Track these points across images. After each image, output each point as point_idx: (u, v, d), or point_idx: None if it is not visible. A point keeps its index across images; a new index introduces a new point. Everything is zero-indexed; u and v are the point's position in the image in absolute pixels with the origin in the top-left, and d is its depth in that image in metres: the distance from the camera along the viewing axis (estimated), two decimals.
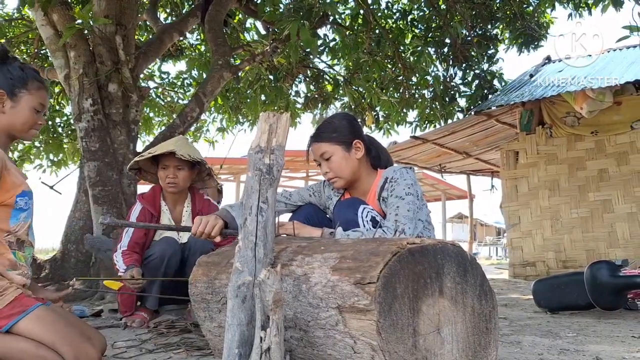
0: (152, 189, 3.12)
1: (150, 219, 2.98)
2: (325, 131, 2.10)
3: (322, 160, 2.09)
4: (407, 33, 7.35)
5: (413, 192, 1.94)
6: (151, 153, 2.98)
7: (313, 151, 2.13)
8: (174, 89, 8.52)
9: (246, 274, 1.31)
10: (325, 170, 2.09)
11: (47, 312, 1.58)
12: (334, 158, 2.06)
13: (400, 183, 1.95)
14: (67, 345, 1.52)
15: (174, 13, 7.32)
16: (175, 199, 3.10)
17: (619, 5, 4.79)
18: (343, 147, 2.07)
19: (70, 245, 4.53)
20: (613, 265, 3.37)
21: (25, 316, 1.53)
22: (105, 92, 4.55)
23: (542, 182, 7.37)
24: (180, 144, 2.99)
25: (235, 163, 12.81)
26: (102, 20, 4.28)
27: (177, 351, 2.12)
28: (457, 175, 12.71)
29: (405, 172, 2.00)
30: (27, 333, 1.52)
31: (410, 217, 1.88)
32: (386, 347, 1.14)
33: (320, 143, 2.09)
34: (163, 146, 3.00)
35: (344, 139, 2.07)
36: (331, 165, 2.06)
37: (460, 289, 1.29)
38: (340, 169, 2.06)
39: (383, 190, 2.01)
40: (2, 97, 1.72)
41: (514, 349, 2.29)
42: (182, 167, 2.98)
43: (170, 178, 2.98)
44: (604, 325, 2.97)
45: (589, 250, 6.84)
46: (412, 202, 1.91)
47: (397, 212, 1.88)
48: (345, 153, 2.07)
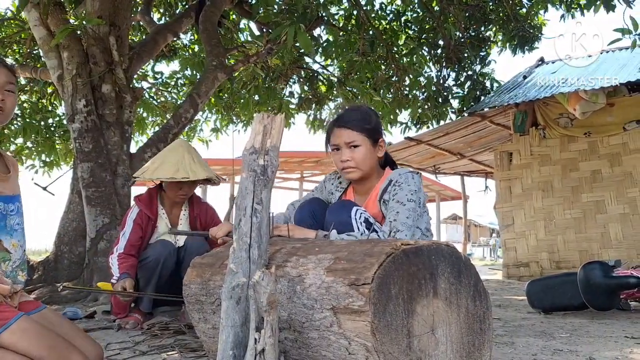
0: (148, 192, 3.10)
1: (147, 222, 2.97)
2: (358, 119, 2.05)
3: (347, 147, 2.03)
4: (401, 34, 7.36)
5: (415, 199, 1.92)
6: (174, 179, 2.88)
7: (338, 136, 2.06)
8: (168, 89, 8.50)
9: (240, 275, 1.31)
10: (345, 158, 2.03)
11: (31, 323, 1.51)
12: (361, 149, 2.02)
13: (403, 188, 1.93)
14: (55, 358, 1.46)
15: (168, 13, 7.30)
16: (173, 202, 3.10)
17: (611, 9, 4.82)
18: (371, 142, 2.04)
19: (64, 247, 4.50)
20: (606, 266, 3.39)
21: (6, 329, 1.46)
22: (98, 93, 4.53)
23: (536, 183, 7.41)
24: (191, 157, 2.96)
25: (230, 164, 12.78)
26: (96, 20, 4.26)
27: (171, 353, 2.11)
28: (451, 176, 12.74)
29: (411, 177, 1.98)
30: (12, 347, 1.46)
31: (408, 224, 1.86)
32: (381, 348, 1.14)
33: (351, 131, 2.03)
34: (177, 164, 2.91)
35: (374, 134, 2.05)
36: (355, 155, 2.02)
37: (454, 290, 1.30)
38: (364, 161, 2.03)
39: (385, 193, 2.00)
40: None
41: (508, 349, 2.29)
42: (195, 181, 2.99)
43: (183, 194, 3.01)
44: (597, 326, 2.98)
45: (582, 250, 6.87)
46: (412, 210, 1.89)
47: (396, 218, 1.87)
48: (372, 147, 2.05)
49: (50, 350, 1.46)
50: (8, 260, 1.67)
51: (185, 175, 2.86)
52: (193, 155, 2.99)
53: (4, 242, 1.68)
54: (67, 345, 1.52)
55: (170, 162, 2.92)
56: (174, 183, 2.94)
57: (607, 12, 4.88)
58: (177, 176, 2.86)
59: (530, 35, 6.60)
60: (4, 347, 1.46)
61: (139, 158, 4.66)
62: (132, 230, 2.92)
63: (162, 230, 3.04)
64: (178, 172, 2.87)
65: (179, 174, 2.86)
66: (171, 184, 2.97)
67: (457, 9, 6.53)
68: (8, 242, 1.69)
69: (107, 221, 4.28)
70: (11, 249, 1.69)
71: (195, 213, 3.12)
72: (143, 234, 2.95)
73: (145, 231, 2.97)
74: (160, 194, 3.09)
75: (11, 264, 1.68)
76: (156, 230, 3.03)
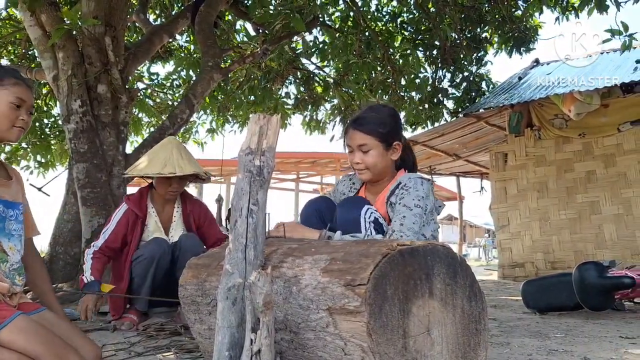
0: (139, 191, 3.11)
1: (134, 220, 2.97)
2: (372, 123, 2.02)
3: (359, 150, 2.02)
4: (397, 35, 7.38)
5: (422, 205, 1.89)
6: (162, 174, 2.89)
7: (351, 137, 2.05)
8: (163, 89, 8.48)
9: (236, 276, 1.31)
10: (357, 160, 2.03)
11: (29, 322, 1.52)
12: (372, 152, 2.00)
13: (411, 193, 1.90)
14: (53, 356, 1.47)
15: (164, 14, 7.28)
16: (164, 200, 3.10)
17: (604, 10, 4.85)
18: (384, 145, 2.01)
19: (59, 248, 4.48)
20: (601, 266, 3.41)
21: (4, 327, 1.48)
22: (94, 94, 4.51)
23: (531, 184, 7.43)
24: (179, 153, 2.96)
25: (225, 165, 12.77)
26: (91, 21, 4.24)
27: (167, 354, 2.11)
28: (446, 177, 12.78)
29: (420, 182, 1.94)
30: (10, 345, 1.47)
31: (414, 230, 1.83)
32: (376, 349, 1.14)
33: (363, 134, 2.01)
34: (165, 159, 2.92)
35: (387, 138, 2.02)
36: (366, 158, 2.01)
37: (450, 290, 1.30)
38: (375, 165, 2.01)
39: (392, 195, 1.97)
40: None
41: (504, 349, 2.30)
42: (184, 177, 2.99)
43: (173, 191, 3.01)
44: (592, 326, 2.99)
45: (577, 251, 6.90)
46: (419, 215, 1.86)
47: (403, 222, 1.84)
48: (384, 151, 2.02)
49: (48, 349, 1.47)
50: (5, 262, 1.69)
51: (172, 171, 2.87)
52: (182, 151, 3.00)
53: (2, 243, 1.69)
54: (64, 345, 1.53)
55: (158, 159, 2.94)
56: (164, 180, 2.95)
57: (600, 14, 4.92)
58: (164, 171, 2.87)
59: (526, 36, 6.62)
60: (2, 344, 1.47)
61: (134, 159, 4.64)
62: (113, 231, 2.92)
63: (152, 229, 3.04)
64: (165, 167, 2.88)
65: (166, 169, 2.87)
66: (160, 181, 2.98)
67: (453, 10, 6.55)
68: (5, 245, 1.71)
69: (103, 222, 4.25)
70: (8, 252, 1.71)
71: (189, 210, 3.12)
72: (129, 232, 2.95)
73: (133, 229, 2.96)
74: (151, 192, 3.10)
75: (8, 265, 1.70)
76: (146, 229, 3.03)
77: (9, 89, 1.71)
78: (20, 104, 1.73)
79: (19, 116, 1.73)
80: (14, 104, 1.72)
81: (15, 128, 1.73)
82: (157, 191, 3.05)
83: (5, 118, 1.71)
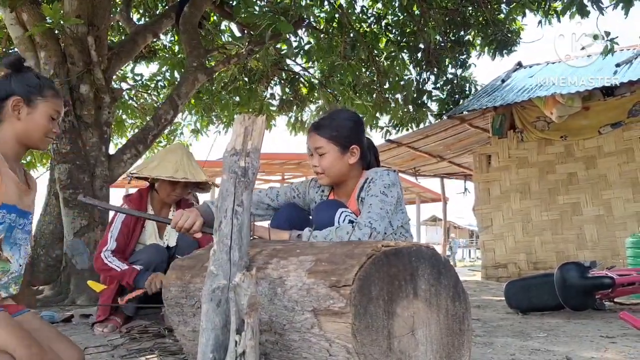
0: (139, 192, 3.08)
1: (135, 221, 2.94)
2: (327, 127, 2.05)
3: (316, 153, 2.06)
4: (382, 37, 7.40)
5: (388, 192, 1.92)
6: (175, 178, 2.90)
7: (310, 140, 2.09)
8: (147, 90, 8.41)
9: (221, 277, 1.30)
10: (315, 163, 2.06)
11: (9, 319, 1.52)
12: (327, 156, 2.03)
13: (377, 183, 1.94)
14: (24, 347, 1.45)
15: (148, 14, 7.22)
16: (162, 203, 3.09)
17: (585, 15, 4.92)
18: (339, 149, 2.03)
19: (40, 250, 4.42)
20: (582, 267, 3.46)
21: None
22: (76, 94, 4.46)
23: (514, 186, 7.51)
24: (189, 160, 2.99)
25: (210, 166, 12.72)
26: (74, 20, 4.19)
27: (150, 356, 2.09)
28: (431, 178, 12.86)
29: (386, 174, 1.98)
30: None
31: (382, 215, 1.86)
32: (361, 350, 1.14)
33: (319, 137, 2.04)
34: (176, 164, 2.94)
35: (343, 142, 2.03)
36: (322, 162, 2.03)
37: (434, 291, 1.31)
38: (330, 168, 2.04)
39: (362, 191, 2.00)
40: (18, 104, 1.69)
41: (487, 349, 2.32)
42: (187, 184, 2.99)
43: (175, 195, 3.02)
44: (574, 326, 3.03)
45: (559, 252, 6.99)
46: (386, 202, 1.89)
47: (370, 210, 1.86)
48: (340, 155, 2.04)
49: (27, 349, 1.45)
50: (7, 271, 1.67)
51: (184, 176, 2.90)
52: (191, 158, 3.03)
53: (6, 252, 1.68)
54: (42, 349, 1.51)
55: (169, 162, 2.94)
56: (168, 184, 2.96)
57: (582, 18, 4.99)
58: (177, 176, 2.89)
59: (509, 39, 6.70)
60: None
61: (117, 159, 4.60)
62: (120, 232, 2.89)
63: (149, 231, 3.01)
64: (177, 172, 2.91)
65: (179, 174, 2.90)
66: (165, 185, 2.98)
67: (437, 13, 6.60)
68: (9, 254, 1.70)
69: (85, 223, 4.22)
70: (11, 260, 1.69)
71: None
72: (130, 234, 2.93)
73: (134, 231, 2.94)
74: (151, 194, 3.08)
75: (8, 274, 1.67)
76: (144, 231, 3.01)
77: (49, 101, 1.74)
78: (56, 117, 1.77)
79: (53, 128, 1.76)
80: (52, 117, 1.75)
81: (47, 138, 1.77)
82: (159, 194, 3.04)
83: (43, 129, 1.74)
